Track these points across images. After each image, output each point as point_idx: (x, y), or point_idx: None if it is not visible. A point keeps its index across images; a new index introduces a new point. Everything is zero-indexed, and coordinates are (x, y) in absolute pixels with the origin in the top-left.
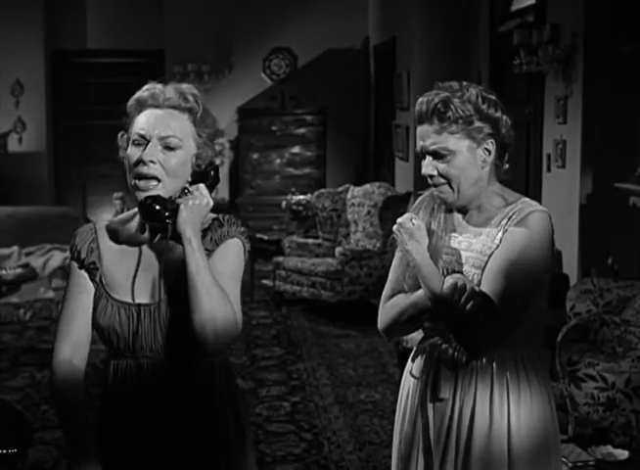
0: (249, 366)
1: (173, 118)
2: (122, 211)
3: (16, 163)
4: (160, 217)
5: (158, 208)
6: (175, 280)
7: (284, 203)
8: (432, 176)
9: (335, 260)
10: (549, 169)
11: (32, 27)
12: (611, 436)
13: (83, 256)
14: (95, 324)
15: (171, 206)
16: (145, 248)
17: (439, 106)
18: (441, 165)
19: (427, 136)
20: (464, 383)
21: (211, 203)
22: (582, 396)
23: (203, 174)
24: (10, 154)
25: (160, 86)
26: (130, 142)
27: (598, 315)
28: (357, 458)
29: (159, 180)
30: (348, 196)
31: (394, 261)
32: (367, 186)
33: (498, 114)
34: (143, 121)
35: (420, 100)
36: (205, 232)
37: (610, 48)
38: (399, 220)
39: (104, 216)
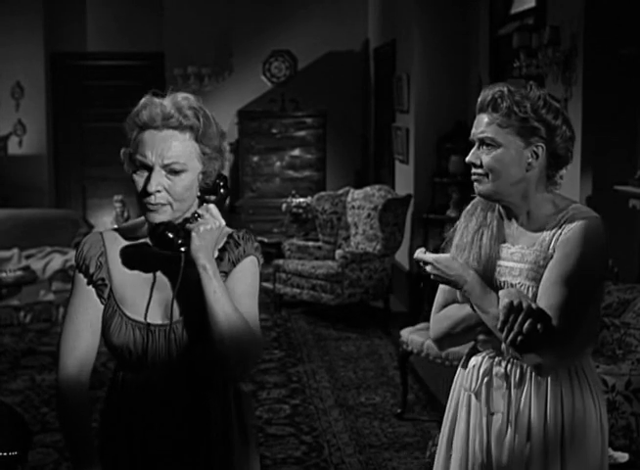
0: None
1: (175, 141)
2: (122, 214)
3: (16, 165)
4: (172, 246)
5: (170, 236)
6: (190, 303)
7: (284, 205)
8: (474, 165)
9: (335, 263)
10: None
11: (32, 30)
12: (611, 438)
13: (92, 270)
14: (107, 341)
15: (183, 232)
16: (157, 265)
17: (496, 96)
18: (485, 156)
19: (480, 124)
20: (517, 396)
21: (223, 224)
22: None
23: (211, 190)
24: (10, 156)
25: (157, 102)
26: (133, 165)
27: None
28: (357, 461)
29: (168, 204)
30: (349, 198)
31: None
32: (367, 189)
33: (557, 122)
34: (144, 147)
35: (483, 90)
36: (221, 253)
37: (609, 50)
38: (431, 258)
39: (105, 219)
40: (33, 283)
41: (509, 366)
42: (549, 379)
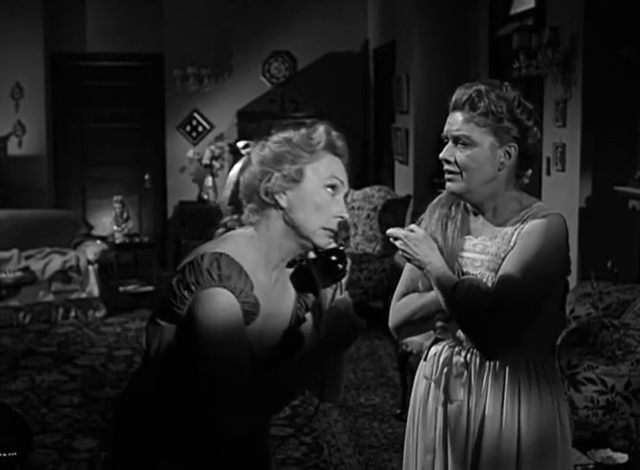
0: None
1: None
2: (122, 215)
3: (15, 166)
4: (337, 276)
5: (340, 267)
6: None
7: None
8: (448, 162)
9: None
10: (549, 173)
11: (32, 31)
12: (610, 439)
13: (249, 308)
14: None
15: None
16: (273, 299)
17: (474, 95)
18: (460, 154)
19: (455, 122)
20: (477, 386)
21: None
22: (582, 399)
23: None
24: (9, 157)
25: (334, 131)
26: (322, 183)
27: (597, 319)
28: (357, 462)
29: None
30: (348, 199)
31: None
32: (367, 189)
33: (529, 123)
34: (337, 170)
35: (458, 88)
36: None
37: (609, 51)
38: (402, 233)
39: (104, 220)
40: (33, 284)
41: (468, 355)
42: (507, 370)
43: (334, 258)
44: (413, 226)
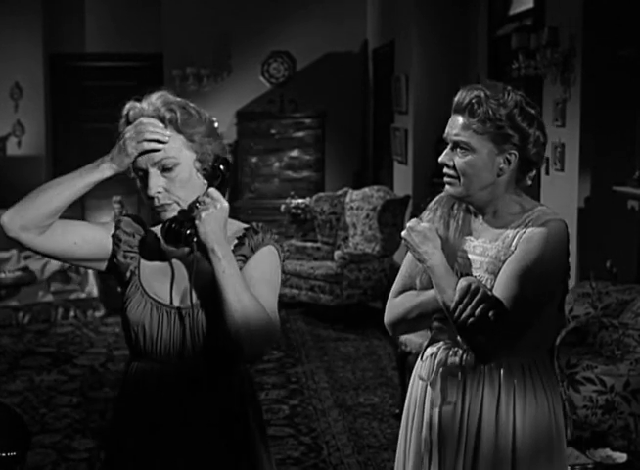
0: (247, 369)
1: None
2: (121, 215)
3: (14, 166)
4: (183, 239)
5: (177, 230)
6: (206, 290)
7: (283, 206)
8: (446, 166)
9: (334, 264)
10: (547, 173)
11: (31, 31)
12: (609, 439)
13: (124, 247)
14: (124, 319)
15: (190, 223)
16: (175, 254)
17: (473, 101)
18: (458, 159)
19: (455, 126)
20: (472, 387)
21: (226, 205)
22: (581, 399)
23: (213, 174)
24: (9, 157)
25: (137, 108)
26: (135, 174)
27: (596, 318)
28: (356, 462)
29: (173, 202)
30: (347, 199)
31: (407, 257)
32: (366, 190)
33: (531, 129)
34: (140, 162)
35: (461, 89)
36: (241, 239)
37: (608, 51)
38: (409, 224)
39: (103, 220)
40: (32, 284)
41: (464, 356)
42: (501, 372)
43: (173, 226)
44: (418, 221)
